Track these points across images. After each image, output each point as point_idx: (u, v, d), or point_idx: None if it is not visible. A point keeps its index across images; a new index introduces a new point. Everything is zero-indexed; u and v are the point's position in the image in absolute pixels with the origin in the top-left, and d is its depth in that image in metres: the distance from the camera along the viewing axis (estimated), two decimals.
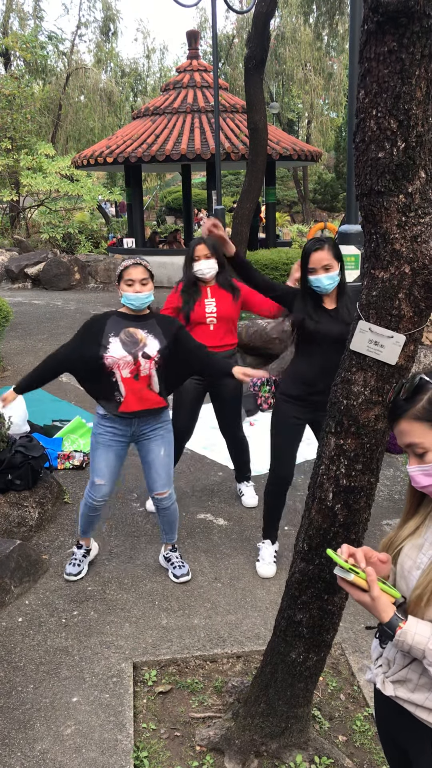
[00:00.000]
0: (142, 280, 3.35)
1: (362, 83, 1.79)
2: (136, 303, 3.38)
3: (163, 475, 3.63)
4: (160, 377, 3.46)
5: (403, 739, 1.69)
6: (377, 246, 1.88)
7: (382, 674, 1.66)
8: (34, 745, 2.65)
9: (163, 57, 41.89)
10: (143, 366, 3.39)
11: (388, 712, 1.71)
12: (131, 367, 3.38)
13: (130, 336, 3.38)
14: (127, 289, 3.37)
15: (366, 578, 1.50)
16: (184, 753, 2.64)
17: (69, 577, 3.75)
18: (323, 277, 3.38)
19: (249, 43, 8.34)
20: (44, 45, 24.68)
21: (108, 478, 3.59)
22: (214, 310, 4.15)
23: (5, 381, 7.50)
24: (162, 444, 3.61)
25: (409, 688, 1.59)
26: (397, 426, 1.57)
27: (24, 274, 15.21)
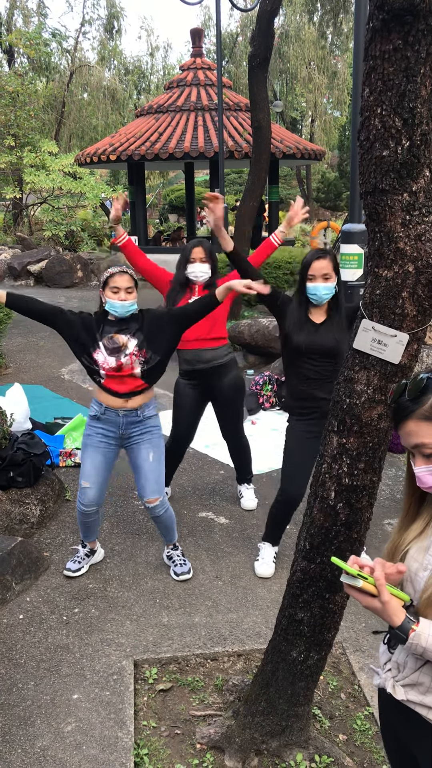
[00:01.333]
0: (128, 288, 3.35)
1: (367, 81, 1.79)
2: (121, 311, 3.38)
3: (151, 480, 3.57)
4: (144, 369, 3.44)
5: (414, 744, 1.66)
6: (381, 244, 1.88)
7: (392, 678, 1.64)
8: (35, 741, 2.65)
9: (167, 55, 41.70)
10: (125, 364, 3.41)
11: (397, 718, 1.69)
12: (114, 365, 3.42)
13: (113, 342, 3.40)
14: (112, 296, 3.36)
15: (374, 583, 1.48)
16: (184, 751, 2.64)
17: (67, 572, 3.75)
18: (321, 286, 3.40)
19: (253, 41, 8.32)
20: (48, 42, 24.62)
21: (94, 480, 3.56)
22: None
23: (7, 378, 7.51)
24: (150, 448, 3.56)
25: (420, 691, 1.57)
26: (403, 427, 1.54)
27: (27, 272, 15.20)
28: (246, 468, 4.62)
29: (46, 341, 9.32)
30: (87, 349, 3.44)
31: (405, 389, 1.54)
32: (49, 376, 7.68)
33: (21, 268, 15.20)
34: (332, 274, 3.43)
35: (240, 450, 4.52)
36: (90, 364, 3.45)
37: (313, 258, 3.43)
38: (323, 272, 3.40)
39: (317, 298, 3.44)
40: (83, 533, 3.78)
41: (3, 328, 7.68)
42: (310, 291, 3.43)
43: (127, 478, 4.95)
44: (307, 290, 3.44)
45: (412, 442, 1.53)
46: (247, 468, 4.62)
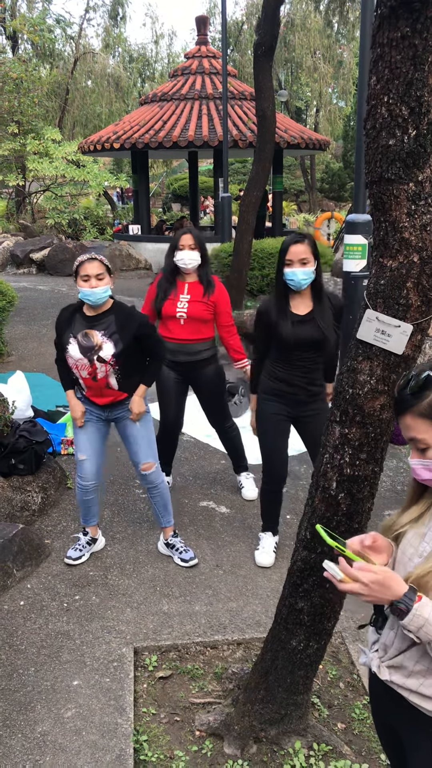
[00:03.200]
0: (98, 275, 3.34)
1: (374, 69, 1.77)
2: (92, 298, 3.37)
3: (143, 444, 3.64)
4: (119, 376, 3.49)
5: (397, 723, 1.72)
6: (386, 234, 1.87)
7: (377, 659, 1.68)
8: (35, 726, 2.67)
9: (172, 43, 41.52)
10: (99, 369, 3.43)
11: (383, 697, 1.73)
12: (88, 369, 3.45)
13: (87, 339, 3.41)
14: (83, 284, 3.35)
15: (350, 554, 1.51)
16: (183, 737, 2.66)
17: (68, 560, 3.76)
18: (299, 271, 3.37)
19: (258, 30, 8.25)
20: (52, 28, 24.46)
21: (90, 452, 3.64)
22: (185, 307, 4.09)
23: (9, 366, 7.51)
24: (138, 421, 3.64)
25: (404, 674, 1.61)
26: (402, 420, 1.58)
27: (29, 260, 15.18)
28: (240, 457, 4.64)
29: (48, 329, 9.31)
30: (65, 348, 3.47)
31: (408, 382, 1.55)
32: (51, 364, 7.66)
33: (23, 256, 15.18)
34: (310, 259, 3.38)
35: (229, 439, 4.55)
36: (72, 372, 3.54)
37: (290, 243, 3.39)
38: (300, 257, 3.36)
39: (295, 284, 3.41)
40: (83, 515, 3.81)
41: (5, 316, 7.67)
42: (288, 276, 3.41)
43: (128, 467, 4.96)
44: (285, 275, 3.42)
45: (408, 435, 1.57)
46: (240, 457, 4.64)
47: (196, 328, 4.15)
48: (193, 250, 4.05)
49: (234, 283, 9.15)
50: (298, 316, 3.49)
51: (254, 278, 10.24)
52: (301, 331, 3.46)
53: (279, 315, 3.48)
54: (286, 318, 3.47)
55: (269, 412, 3.67)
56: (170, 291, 4.13)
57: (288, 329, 3.46)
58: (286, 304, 3.51)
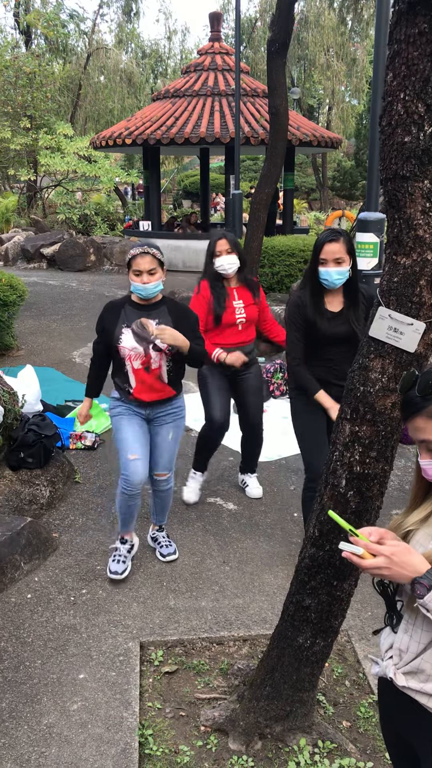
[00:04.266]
0: (150, 270, 3.29)
1: (391, 65, 1.77)
2: (144, 293, 3.35)
3: (165, 458, 3.61)
4: (170, 368, 3.46)
5: (411, 732, 1.66)
6: (400, 232, 1.86)
7: (393, 665, 1.63)
8: (41, 719, 2.68)
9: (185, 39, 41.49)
10: (153, 358, 3.39)
11: (395, 708, 1.69)
12: (142, 358, 3.38)
13: (142, 328, 3.34)
14: (135, 279, 3.32)
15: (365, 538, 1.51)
16: (188, 732, 2.66)
17: (115, 576, 3.55)
18: (333, 271, 3.29)
19: (272, 27, 8.24)
20: (66, 23, 24.51)
21: (141, 451, 3.44)
22: (243, 314, 4.13)
23: (19, 360, 7.53)
24: (171, 428, 3.58)
25: (421, 679, 1.57)
26: (411, 422, 1.55)
27: (40, 254, 15.23)
28: (255, 459, 4.61)
29: (58, 324, 9.33)
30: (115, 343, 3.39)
31: (414, 382, 1.53)
32: (61, 358, 7.69)
33: (34, 251, 15.22)
34: (345, 258, 3.28)
35: (256, 440, 4.49)
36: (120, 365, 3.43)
37: (324, 240, 3.29)
38: (336, 256, 3.26)
39: (329, 284, 3.34)
40: (124, 521, 3.63)
41: (16, 310, 7.70)
42: (322, 276, 3.33)
43: None
44: (319, 275, 3.35)
45: (419, 437, 1.54)
46: (256, 459, 4.61)
47: (249, 330, 4.22)
48: (231, 254, 4.03)
49: None
50: (331, 313, 3.43)
51: (264, 275, 10.23)
52: (334, 327, 3.41)
53: (315, 312, 3.41)
54: (323, 315, 3.42)
55: (303, 404, 3.59)
56: (225, 298, 4.10)
57: (324, 325, 3.40)
58: (321, 301, 3.43)
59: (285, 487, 4.74)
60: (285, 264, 10.26)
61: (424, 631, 1.56)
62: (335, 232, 3.31)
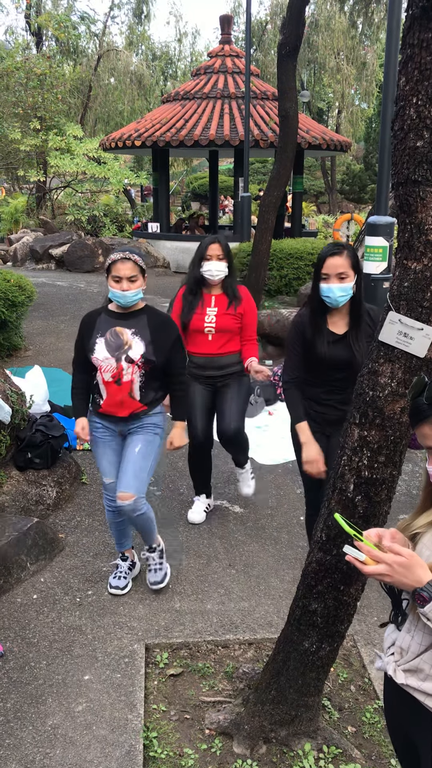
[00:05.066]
0: (131, 277, 3.15)
1: (403, 70, 1.76)
2: (122, 301, 3.20)
3: (130, 471, 3.26)
4: (143, 382, 3.28)
5: (412, 729, 1.70)
6: (411, 236, 1.86)
7: (393, 662, 1.67)
8: (46, 720, 2.68)
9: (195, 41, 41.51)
10: (126, 370, 3.22)
11: (398, 702, 1.72)
12: (113, 371, 3.23)
13: (116, 337, 3.22)
14: (114, 285, 3.17)
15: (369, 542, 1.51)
16: (193, 735, 2.66)
17: (115, 591, 3.49)
18: (336, 287, 3.03)
19: (283, 30, 8.24)
20: (77, 25, 24.57)
21: (115, 474, 3.38)
22: (213, 320, 3.88)
23: (27, 361, 7.55)
24: (140, 441, 3.32)
25: (420, 678, 1.60)
26: (420, 428, 1.56)
27: (48, 255, 15.26)
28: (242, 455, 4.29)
29: (66, 325, 9.35)
30: (87, 356, 3.28)
31: (423, 389, 1.53)
32: (68, 359, 7.67)
33: (43, 252, 15.26)
34: (349, 273, 3.03)
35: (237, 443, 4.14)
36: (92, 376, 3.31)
37: (327, 254, 3.05)
38: (338, 271, 3.01)
39: (331, 301, 3.08)
40: (117, 539, 3.60)
41: (24, 311, 7.72)
42: (324, 292, 3.08)
43: None
44: (321, 291, 3.09)
45: (427, 444, 1.55)
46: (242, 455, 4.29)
47: (225, 341, 3.93)
48: (221, 261, 3.82)
49: (252, 282, 9.14)
50: (335, 335, 3.18)
51: (272, 278, 10.23)
52: (335, 350, 3.17)
53: (315, 333, 3.18)
54: (323, 336, 3.17)
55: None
56: (196, 304, 3.91)
57: (324, 349, 3.16)
58: (323, 321, 3.19)
59: (291, 490, 4.73)
60: (293, 267, 10.25)
61: (425, 634, 1.59)
62: (338, 245, 3.10)
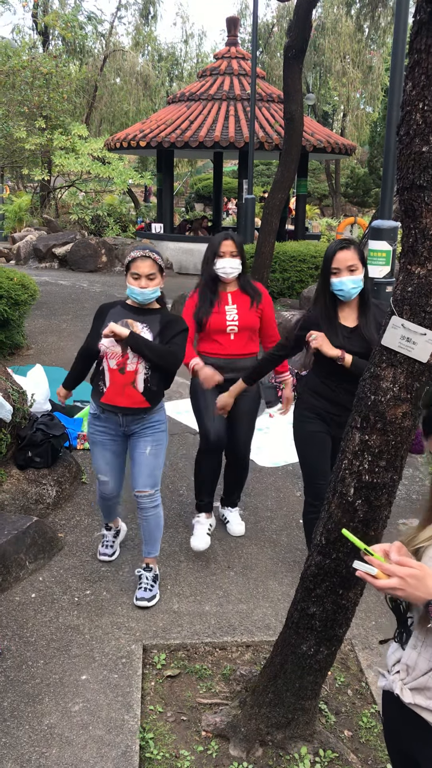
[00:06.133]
0: (149, 275, 3.19)
1: (410, 75, 1.77)
2: (140, 298, 3.25)
3: (144, 473, 3.38)
4: (148, 376, 3.27)
5: (417, 749, 1.64)
6: (415, 241, 1.86)
7: (400, 681, 1.62)
8: (42, 719, 2.68)
9: (201, 43, 41.47)
10: (131, 359, 3.24)
11: (402, 722, 1.67)
12: (118, 358, 3.25)
13: (125, 326, 3.21)
14: (132, 282, 3.22)
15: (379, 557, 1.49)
16: (189, 737, 2.66)
17: (103, 558, 3.76)
18: (348, 280, 3.12)
19: (290, 32, 8.26)
20: (83, 25, 24.60)
21: (110, 474, 3.49)
22: (236, 318, 3.75)
23: (28, 359, 7.55)
24: (149, 443, 3.38)
25: (428, 696, 1.55)
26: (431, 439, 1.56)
27: (51, 254, 15.28)
28: (238, 491, 4.21)
29: (68, 324, 9.35)
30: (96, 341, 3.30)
31: None
32: (70, 359, 7.66)
33: (46, 250, 15.28)
34: (359, 266, 3.13)
35: (240, 474, 4.11)
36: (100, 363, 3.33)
37: (336, 249, 3.14)
38: (348, 264, 3.10)
39: (344, 293, 3.15)
40: (104, 515, 3.80)
41: (26, 309, 7.72)
42: (336, 287, 3.15)
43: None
44: (333, 286, 3.16)
45: None
46: (239, 492, 4.22)
47: (246, 341, 3.83)
48: (235, 258, 3.72)
49: None
50: (347, 329, 3.24)
51: (275, 281, 10.24)
52: (350, 345, 3.20)
53: (329, 329, 3.22)
54: (337, 332, 3.22)
55: (311, 430, 3.41)
56: (213, 303, 3.77)
57: (339, 343, 3.20)
58: (335, 317, 3.25)
59: (291, 493, 4.73)
60: (296, 270, 10.26)
61: None
62: (345, 241, 3.20)
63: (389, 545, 1.56)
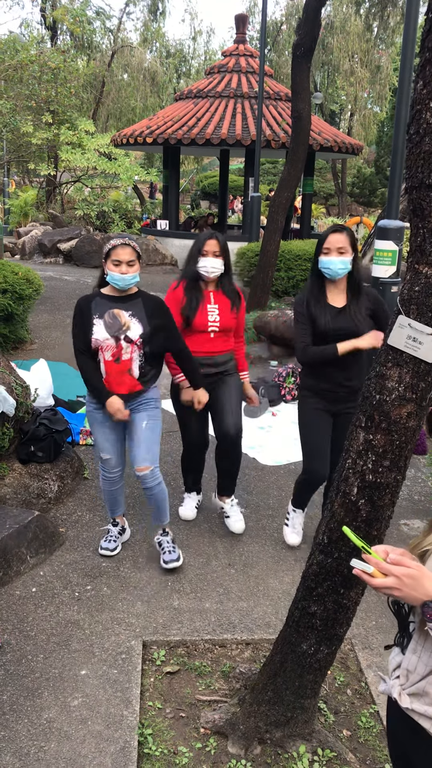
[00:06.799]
0: (129, 261, 3.35)
1: (421, 74, 1.76)
2: (121, 284, 3.40)
3: (143, 448, 3.50)
4: (143, 363, 3.47)
5: (414, 755, 1.63)
6: (423, 241, 1.85)
7: (399, 686, 1.61)
8: (41, 713, 2.68)
9: (209, 40, 41.51)
10: (125, 349, 3.41)
11: (402, 727, 1.66)
12: (113, 350, 3.40)
13: (114, 318, 3.41)
14: (113, 269, 3.37)
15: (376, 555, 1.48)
16: (188, 734, 2.66)
17: (104, 552, 3.77)
18: (336, 260, 3.36)
19: (298, 30, 8.23)
20: (92, 20, 24.59)
21: (112, 451, 3.63)
22: (217, 320, 3.85)
23: (32, 354, 7.55)
24: (145, 418, 3.53)
25: (425, 702, 1.54)
26: None
27: (56, 249, 15.27)
28: (233, 477, 4.16)
29: (71, 319, 9.35)
30: (87, 338, 3.42)
31: None
32: (73, 354, 7.70)
33: (51, 246, 15.27)
34: (348, 249, 3.36)
35: (233, 456, 4.06)
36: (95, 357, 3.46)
37: (329, 232, 3.40)
38: (338, 245, 3.34)
39: (331, 272, 3.39)
40: (111, 506, 3.83)
41: (31, 304, 7.72)
42: (324, 264, 3.40)
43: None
44: (321, 263, 3.42)
45: None
46: (234, 478, 4.17)
47: (224, 339, 3.94)
48: (218, 258, 3.79)
49: (259, 282, 9.14)
50: (334, 308, 3.47)
51: (279, 279, 10.22)
52: (337, 322, 3.44)
53: (316, 306, 3.46)
54: (324, 309, 3.46)
55: (311, 407, 3.65)
56: (197, 301, 3.85)
57: (326, 321, 3.44)
58: (323, 295, 3.49)
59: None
60: (301, 269, 10.24)
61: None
62: (339, 226, 3.44)
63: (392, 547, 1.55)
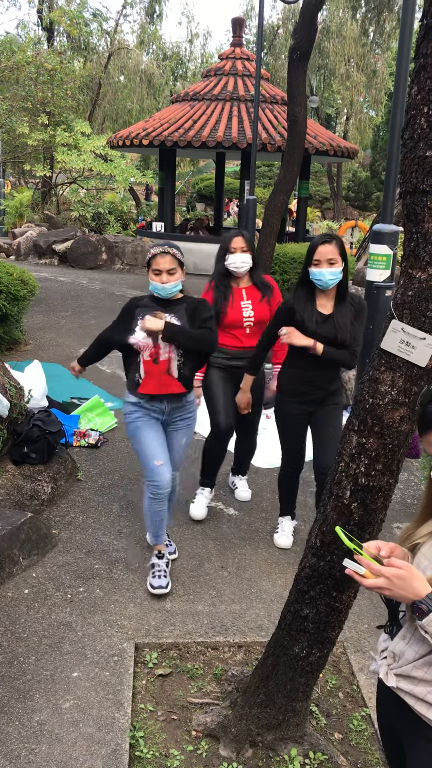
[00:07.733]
0: (170, 270, 3.31)
1: (416, 79, 1.77)
2: (162, 293, 3.38)
3: (176, 459, 3.67)
4: (181, 363, 3.41)
5: (401, 728, 1.73)
6: (417, 246, 1.86)
7: (386, 666, 1.69)
8: (32, 715, 2.67)
9: (206, 43, 41.56)
10: (162, 350, 3.36)
11: (391, 704, 1.74)
12: (150, 350, 3.36)
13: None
14: (154, 278, 3.35)
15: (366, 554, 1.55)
16: (179, 736, 2.65)
17: (157, 591, 3.45)
18: (326, 271, 3.41)
19: (295, 34, 8.26)
20: (89, 22, 24.58)
21: (164, 456, 3.44)
22: (252, 315, 4.00)
23: (26, 355, 7.54)
24: (186, 434, 3.63)
25: (411, 683, 1.63)
26: (427, 436, 1.62)
27: (51, 250, 15.26)
28: (248, 462, 4.64)
29: (66, 321, 9.35)
30: (123, 337, 3.40)
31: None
32: (68, 355, 7.70)
33: (46, 247, 15.26)
34: (338, 260, 3.42)
35: (249, 447, 4.53)
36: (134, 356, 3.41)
37: (318, 242, 3.44)
38: (328, 257, 3.39)
39: (322, 284, 3.46)
40: (155, 530, 3.61)
41: (26, 305, 7.71)
42: (315, 276, 3.45)
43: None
44: (312, 275, 3.47)
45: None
46: (248, 462, 4.65)
47: (258, 333, 4.03)
48: (245, 253, 3.94)
49: None
50: (322, 316, 3.54)
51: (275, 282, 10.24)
52: (324, 329, 3.52)
53: (305, 313, 3.53)
54: (312, 316, 3.53)
55: (291, 413, 3.77)
56: (228, 298, 3.99)
57: (312, 328, 3.51)
58: (312, 303, 3.56)
59: None
60: (296, 272, 10.25)
61: (422, 644, 1.59)
62: (328, 236, 3.49)
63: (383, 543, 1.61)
